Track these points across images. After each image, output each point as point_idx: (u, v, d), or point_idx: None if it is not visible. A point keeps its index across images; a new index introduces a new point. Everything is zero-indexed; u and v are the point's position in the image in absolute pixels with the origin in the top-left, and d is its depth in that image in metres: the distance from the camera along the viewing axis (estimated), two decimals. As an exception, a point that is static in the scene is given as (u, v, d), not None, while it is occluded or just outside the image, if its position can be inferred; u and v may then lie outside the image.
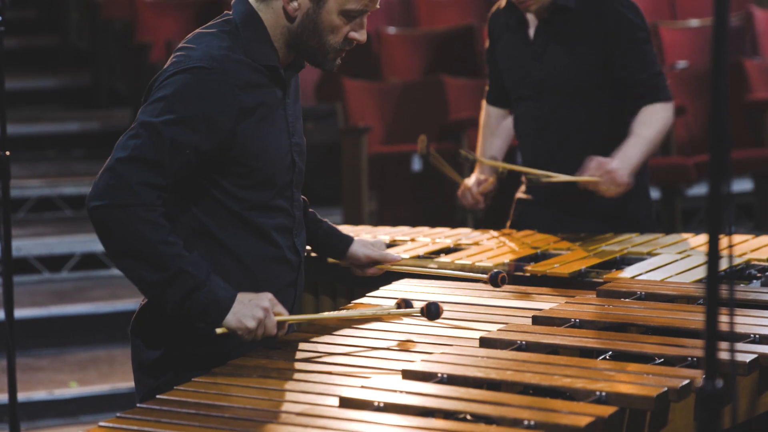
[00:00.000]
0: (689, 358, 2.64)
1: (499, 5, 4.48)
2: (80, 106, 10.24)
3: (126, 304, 7.02)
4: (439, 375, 2.58)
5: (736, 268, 3.67)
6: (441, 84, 8.82)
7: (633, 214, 4.37)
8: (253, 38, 3.04)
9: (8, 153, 4.09)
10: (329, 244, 3.40)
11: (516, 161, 4.64)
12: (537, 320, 3.06)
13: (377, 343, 2.93)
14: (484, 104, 4.68)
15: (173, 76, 2.94)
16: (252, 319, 2.87)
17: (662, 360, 2.67)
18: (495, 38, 4.51)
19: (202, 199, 3.01)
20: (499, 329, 2.96)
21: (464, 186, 4.53)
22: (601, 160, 4.10)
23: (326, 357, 2.83)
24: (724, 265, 2.00)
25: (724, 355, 2.03)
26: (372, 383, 2.57)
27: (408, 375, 2.61)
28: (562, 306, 3.17)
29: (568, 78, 4.29)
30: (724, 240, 1.97)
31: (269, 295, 2.94)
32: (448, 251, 4.08)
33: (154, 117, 2.90)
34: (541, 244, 4.09)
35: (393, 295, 3.40)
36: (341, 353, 2.85)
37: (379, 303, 3.32)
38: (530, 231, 4.31)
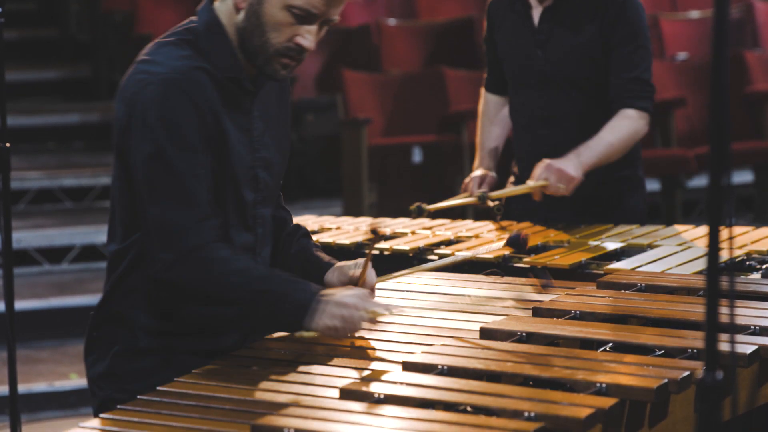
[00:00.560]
0: (689, 350, 2.64)
1: None
2: (80, 98, 10.24)
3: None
4: (440, 366, 2.58)
5: (737, 259, 3.67)
6: (441, 76, 8.82)
7: (628, 206, 4.36)
8: (215, 48, 2.90)
9: (8, 145, 4.08)
10: (306, 272, 3.10)
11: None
12: (537, 312, 3.06)
13: (378, 334, 2.93)
14: (482, 92, 4.66)
15: (139, 94, 2.82)
16: (333, 318, 2.80)
17: (662, 351, 2.67)
18: (495, 25, 4.49)
19: None
20: (500, 320, 2.96)
21: (467, 182, 4.49)
22: (549, 161, 4.10)
23: (326, 348, 2.83)
24: (724, 256, 2.00)
25: (724, 347, 2.03)
26: (372, 374, 2.57)
27: (408, 366, 2.61)
28: (562, 297, 3.17)
29: (571, 67, 4.27)
30: (724, 232, 1.97)
31: (356, 290, 2.86)
32: (448, 243, 4.08)
33: (149, 153, 2.80)
34: (541, 236, 4.09)
35: (394, 287, 3.40)
36: (341, 344, 2.85)
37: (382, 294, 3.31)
38: (529, 223, 4.31)
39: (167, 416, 2.46)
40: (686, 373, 2.47)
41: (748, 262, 3.65)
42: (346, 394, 2.46)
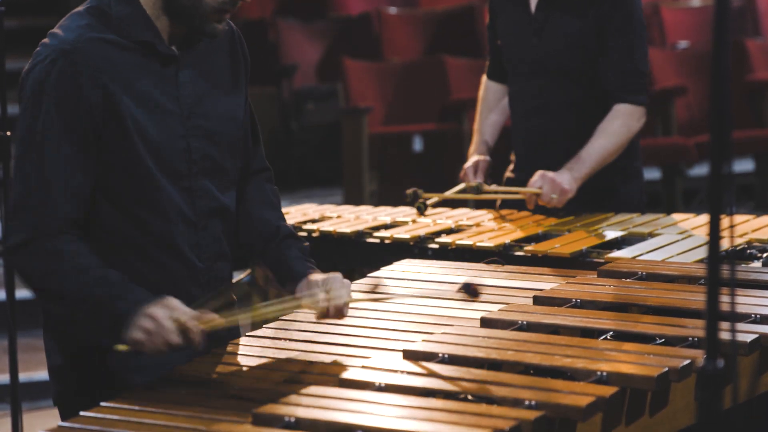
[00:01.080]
0: (690, 338, 2.64)
1: None
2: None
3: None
4: (440, 355, 2.58)
5: (737, 248, 3.67)
6: (442, 64, 8.81)
7: (626, 196, 4.36)
8: (125, 13, 2.73)
9: (9, 133, 4.08)
10: (282, 281, 2.93)
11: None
12: (538, 300, 3.06)
13: (378, 323, 2.93)
14: (484, 79, 4.66)
15: (30, 71, 2.75)
16: (139, 330, 2.60)
17: (663, 340, 2.67)
18: (496, 12, 4.49)
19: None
20: (500, 309, 2.96)
21: (464, 171, 4.48)
22: (545, 172, 4.11)
23: (327, 337, 2.83)
24: (725, 245, 2.00)
25: (724, 335, 2.03)
26: (372, 363, 2.57)
27: (409, 355, 2.61)
28: (563, 286, 3.17)
29: (566, 56, 4.27)
30: (725, 220, 1.97)
31: (167, 300, 2.63)
32: (449, 232, 4.08)
33: (26, 131, 2.71)
34: (542, 224, 4.09)
35: (394, 275, 3.40)
36: (342, 333, 2.85)
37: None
38: (528, 212, 4.30)
39: (167, 404, 2.45)
40: (687, 362, 2.47)
41: (748, 251, 3.65)
42: (346, 383, 2.46)
